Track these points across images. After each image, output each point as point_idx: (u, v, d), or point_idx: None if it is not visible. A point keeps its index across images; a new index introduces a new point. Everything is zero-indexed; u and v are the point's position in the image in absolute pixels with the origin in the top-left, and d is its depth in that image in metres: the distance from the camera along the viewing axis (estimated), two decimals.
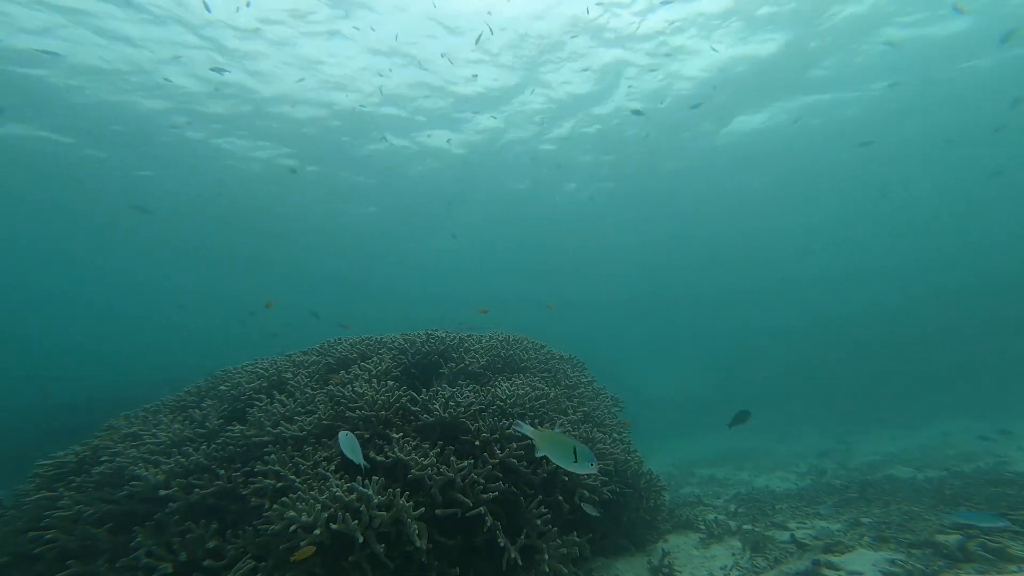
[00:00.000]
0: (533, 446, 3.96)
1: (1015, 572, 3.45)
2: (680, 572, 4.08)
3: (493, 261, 38.13)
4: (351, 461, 3.19)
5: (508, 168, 22.72)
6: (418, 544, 3.08)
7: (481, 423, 3.96)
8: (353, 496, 3.12)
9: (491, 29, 13.07)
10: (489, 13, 12.77)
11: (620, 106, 17.64)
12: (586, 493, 3.86)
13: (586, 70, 15.47)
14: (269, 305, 6.88)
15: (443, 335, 5.41)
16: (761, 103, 17.93)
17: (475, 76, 15.44)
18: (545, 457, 3.90)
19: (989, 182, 23.36)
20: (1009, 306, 36.37)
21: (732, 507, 6.58)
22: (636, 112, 15.39)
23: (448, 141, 19.48)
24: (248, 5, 11.17)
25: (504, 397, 4.27)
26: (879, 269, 41.97)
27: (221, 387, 4.78)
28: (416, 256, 35.98)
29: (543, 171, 22.95)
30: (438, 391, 4.33)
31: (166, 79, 14.36)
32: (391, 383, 4.32)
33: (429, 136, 19.04)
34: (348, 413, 3.92)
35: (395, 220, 28.44)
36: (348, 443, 3.17)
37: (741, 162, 22.48)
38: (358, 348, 5.25)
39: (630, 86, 16.41)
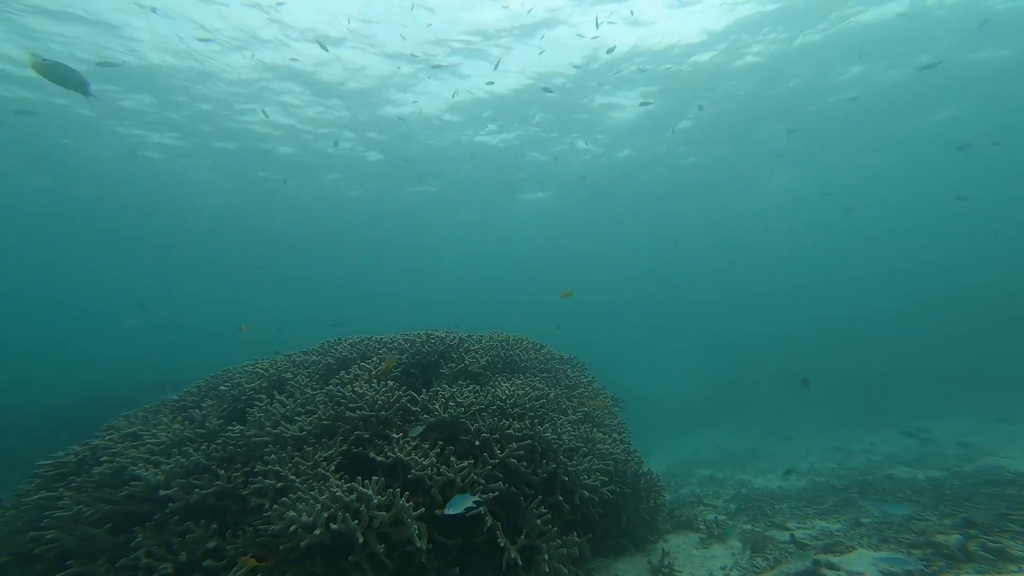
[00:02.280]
0: (533, 446, 3.97)
1: (1015, 572, 3.45)
2: (680, 572, 4.08)
3: (492, 262, 38.15)
4: None
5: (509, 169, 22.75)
6: (418, 544, 3.08)
7: (481, 423, 3.96)
8: (353, 496, 3.12)
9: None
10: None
11: (616, 104, 17.62)
12: (586, 493, 3.86)
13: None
14: (242, 329, 7.23)
15: (443, 335, 5.41)
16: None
17: (491, 83, 15.60)
18: (545, 457, 3.91)
19: (988, 183, 23.42)
20: (1009, 307, 36.42)
21: (732, 507, 6.58)
22: (547, 90, 15.20)
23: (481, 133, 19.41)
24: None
25: (504, 397, 4.27)
26: (878, 270, 41.99)
27: (221, 387, 4.78)
28: (415, 258, 36.06)
29: (548, 172, 22.98)
30: (438, 391, 4.33)
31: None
32: (391, 383, 4.32)
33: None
34: (348, 413, 3.92)
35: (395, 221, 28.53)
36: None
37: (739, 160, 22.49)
38: (358, 348, 5.24)
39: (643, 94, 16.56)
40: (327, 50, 13.01)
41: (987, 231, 30.81)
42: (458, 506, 3.03)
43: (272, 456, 3.61)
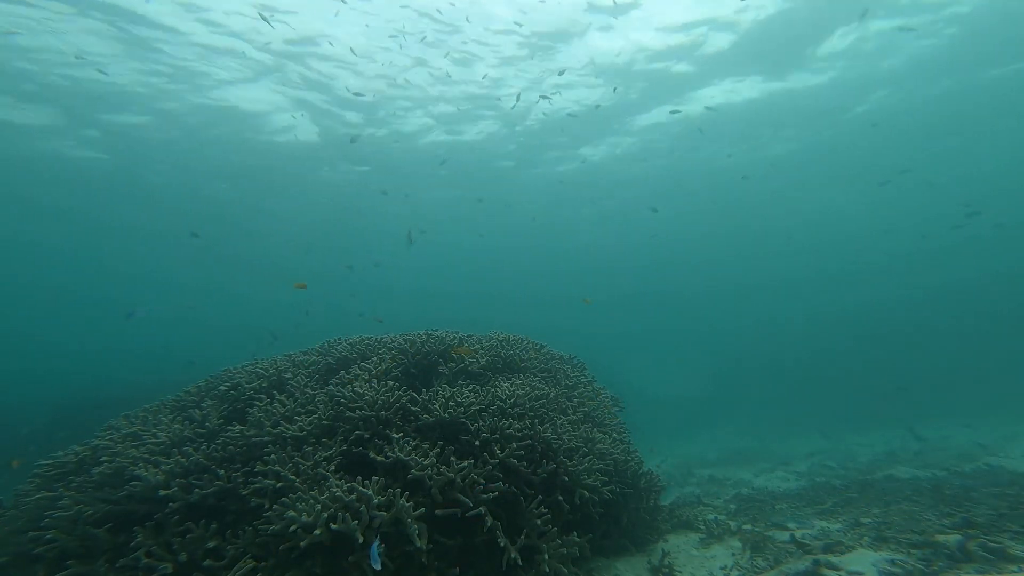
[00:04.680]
0: (533, 446, 3.98)
1: (1015, 572, 3.45)
2: (680, 572, 4.08)
3: (492, 260, 38.13)
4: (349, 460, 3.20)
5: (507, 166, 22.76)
6: (418, 544, 3.08)
7: (481, 423, 3.96)
8: (353, 496, 3.12)
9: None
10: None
11: (617, 103, 17.61)
12: (586, 493, 3.86)
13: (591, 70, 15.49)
14: (301, 286, 7.64)
15: (443, 335, 5.41)
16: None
17: (485, 76, 15.54)
18: (545, 457, 3.91)
19: (997, 178, 23.42)
20: (1008, 305, 36.42)
21: (732, 507, 6.58)
22: (673, 110, 14.90)
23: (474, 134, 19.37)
24: None
25: (504, 397, 4.27)
26: (879, 267, 41.98)
27: (221, 387, 4.78)
28: (416, 252, 35.95)
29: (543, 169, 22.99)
30: (438, 391, 4.33)
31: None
32: (391, 383, 4.32)
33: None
34: (348, 413, 3.92)
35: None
36: None
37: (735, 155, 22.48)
38: (358, 348, 5.25)
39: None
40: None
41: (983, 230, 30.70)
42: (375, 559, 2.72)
43: (272, 456, 3.61)
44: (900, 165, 22.81)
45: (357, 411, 3.93)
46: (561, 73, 15.25)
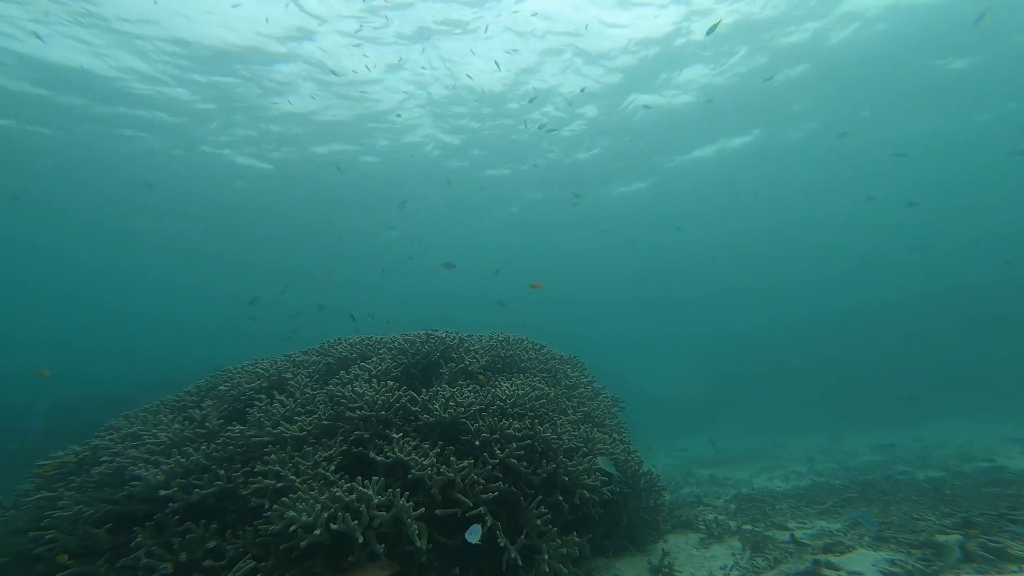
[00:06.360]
0: (533, 446, 3.98)
1: (1015, 572, 3.45)
2: (680, 572, 4.07)
3: (493, 260, 38.05)
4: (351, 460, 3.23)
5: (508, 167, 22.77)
6: (418, 544, 3.08)
7: (481, 423, 3.96)
8: (353, 496, 3.12)
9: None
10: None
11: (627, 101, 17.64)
12: (586, 493, 3.86)
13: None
14: (329, 274, 7.69)
15: (443, 335, 5.41)
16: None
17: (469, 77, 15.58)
18: (545, 457, 3.91)
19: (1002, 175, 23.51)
20: (1008, 306, 36.46)
21: (732, 507, 6.57)
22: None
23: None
24: None
25: (504, 397, 4.27)
26: (878, 267, 41.95)
27: (221, 387, 4.77)
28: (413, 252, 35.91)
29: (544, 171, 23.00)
30: (438, 391, 4.33)
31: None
32: (391, 383, 4.32)
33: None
34: (348, 413, 3.92)
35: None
36: None
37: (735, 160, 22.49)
38: (358, 348, 5.24)
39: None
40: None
41: (982, 231, 30.79)
42: (475, 535, 3.07)
43: (272, 456, 3.61)
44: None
45: (357, 411, 3.93)
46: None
